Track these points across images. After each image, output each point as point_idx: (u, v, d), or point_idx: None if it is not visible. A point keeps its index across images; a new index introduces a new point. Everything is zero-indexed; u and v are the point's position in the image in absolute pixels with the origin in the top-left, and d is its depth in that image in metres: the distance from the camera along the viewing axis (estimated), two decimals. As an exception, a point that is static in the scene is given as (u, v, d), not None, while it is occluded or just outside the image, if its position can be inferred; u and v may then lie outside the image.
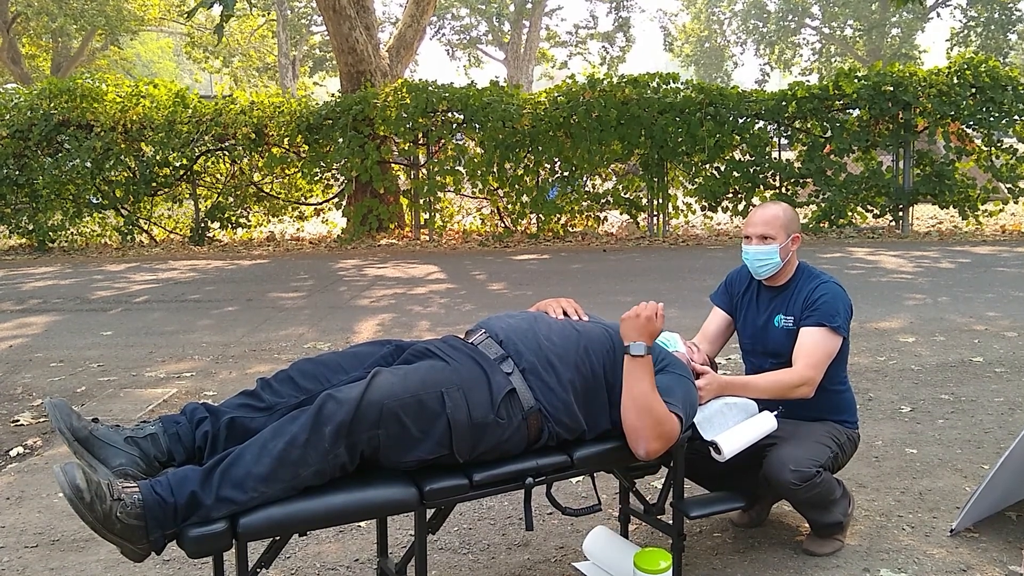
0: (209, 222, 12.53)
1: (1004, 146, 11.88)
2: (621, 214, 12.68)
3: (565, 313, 2.71)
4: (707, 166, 11.87)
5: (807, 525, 3.01)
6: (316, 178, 12.42)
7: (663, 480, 2.84)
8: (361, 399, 2.15)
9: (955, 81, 11.49)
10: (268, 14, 28.65)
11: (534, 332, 2.51)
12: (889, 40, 35.24)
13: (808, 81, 12.47)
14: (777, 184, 12.01)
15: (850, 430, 3.05)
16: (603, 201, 12.30)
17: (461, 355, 2.41)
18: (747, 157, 11.92)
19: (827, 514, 2.88)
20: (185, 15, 15.48)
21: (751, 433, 2.70)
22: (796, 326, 2.96)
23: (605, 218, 12.89)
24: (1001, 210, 12.42)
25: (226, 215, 12.46)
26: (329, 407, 2.14)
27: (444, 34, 34.77)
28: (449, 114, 11.80)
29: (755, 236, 3.00)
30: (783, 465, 2.73)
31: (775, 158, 12.06)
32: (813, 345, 2.89)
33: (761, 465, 3.00)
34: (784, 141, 12.30)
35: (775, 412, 2.81)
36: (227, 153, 12.34)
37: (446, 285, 8.71)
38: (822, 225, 11.87)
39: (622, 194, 12.20)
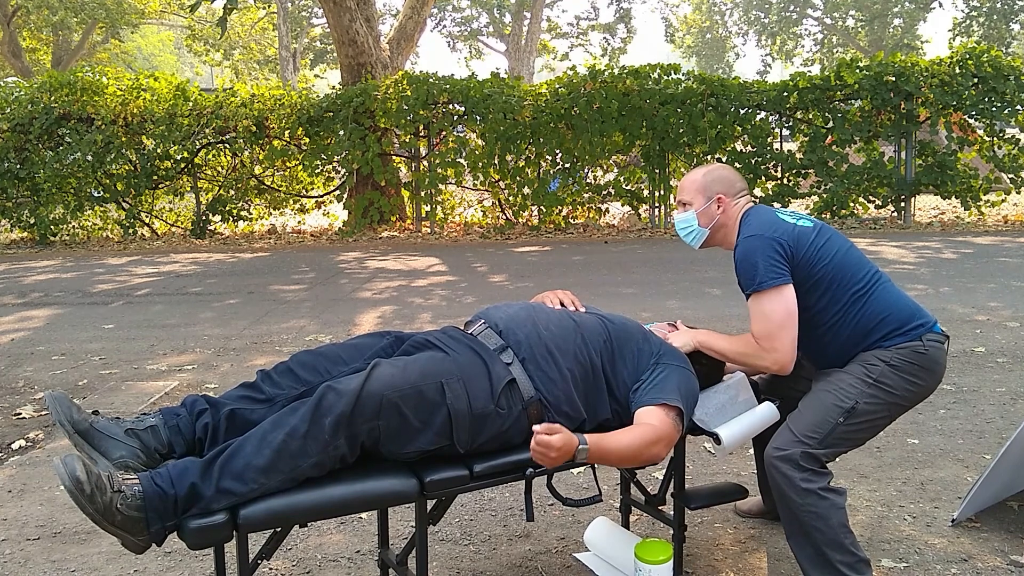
0: (210, 215, 12.52)
1: (1006, 136, 11.84)
2: (623, 206, 12.66)
3: (562, 304, 2.71)
4: (709, 157, 11.83)
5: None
6: (317, 171, 12.42)
7: (664, 471, 2.84)
8: (361, 390, 2.15)
9: (957, 71, 11.45)
10: (269, 6, 28.59)
11: (533, 322, 2.51)
12: (891, 30, 35.16)
13: (810, 72, 12.43)
14: (779, 175, 11.98)
15: (897, 345, 2.53)
16: (604, 193, 12.28)
17: (461, 346, 2.40)
18: (748, 148, 11.90)
19: (817, 568, 2.45)
20: (189, 8, 15.47)
21: (752, 424, 2.68)
22: None
23: (607, 210, 12.87)
24: (1003, 200, 12.39)
25: (227, 208, 12.44)
26: (329, 398, 2.14)
27: (445, 26, 34.74)
28: (450, 106, 11.77)
29: (678, 203, 2.78)
30: (770, 444, 2.51)
31: (777, 149, 12.03)
32: (754, 316, 2.52)
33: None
34: (786, 132, 12.26)
35: (777, 403, 2.79)
36: (228, 146, 12.32)
37: (447, 277, 8.70)
38: (824, 216, 11.84)
39: (624, 186, 12.18)
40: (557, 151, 11.90)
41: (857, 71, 11.51)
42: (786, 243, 2.53)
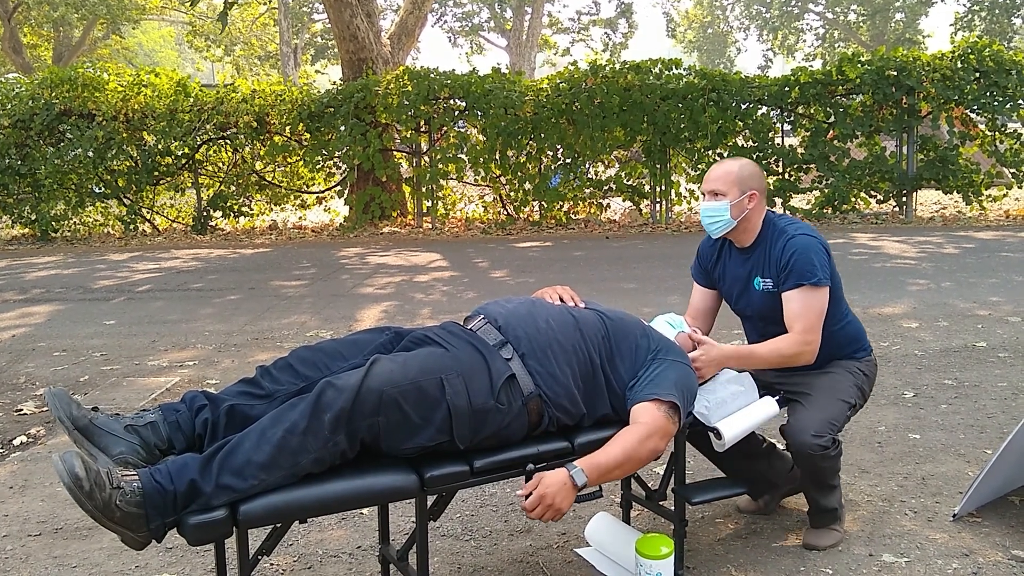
0: (211, 211, 12.52)
1: (1008, 131, 11.82)
2: (624, 201, 12.65)
3: (562, 300, 2.70)
4: (710, 152, 11.82)
5: (807, 516, 3.01)
6: (318, 166, 12.41)
7: (664, 466, 2.84)
8: (360, 386, 2.14)
9: (959, 65, 11.42)
10: (270, 2, 28.53)
11: (532, 317, 2.50)
12: (893, 25, 35.09)
13: (811, 66, 12.40)
14: (780, 170, 11.97)
15: (865, 358, 3.00)
16: (606, 188, 12.27)
17: (460, 341, 2.40)
18: (750, 143, 11.87)
19: (827, 496, 2.85)
20: (189, 2, 15.45)
21: (752, 419, 2.69)
22: (776, 288, 2.87)
23: (608, 205, 12.86)
24: (1005, 195, 12.38)
25: (228, 204, 12.45)
26: (328, 394, 2.13)
27: (446, 21, 34.66)
28: (451, 101, 11.77)
29: (707, 192, 2.91)
30: (804, 431, 2.71)
31: (778, 144, 12.00)
32: (801, 308, 2.79)
33: (766, 455, 3.05)
34: (787, 127, 12.23)
35: (776, 397, 2.80)
36: (229, 142, 12.32)
37: (448, 273, 8.70)
38: (825, 211, 11.83)
39: (625, 181, 12.17)
40: (558, 146, 11.90)
41: (858, 66, 11.48)
42: (829, 252, 2.88)
